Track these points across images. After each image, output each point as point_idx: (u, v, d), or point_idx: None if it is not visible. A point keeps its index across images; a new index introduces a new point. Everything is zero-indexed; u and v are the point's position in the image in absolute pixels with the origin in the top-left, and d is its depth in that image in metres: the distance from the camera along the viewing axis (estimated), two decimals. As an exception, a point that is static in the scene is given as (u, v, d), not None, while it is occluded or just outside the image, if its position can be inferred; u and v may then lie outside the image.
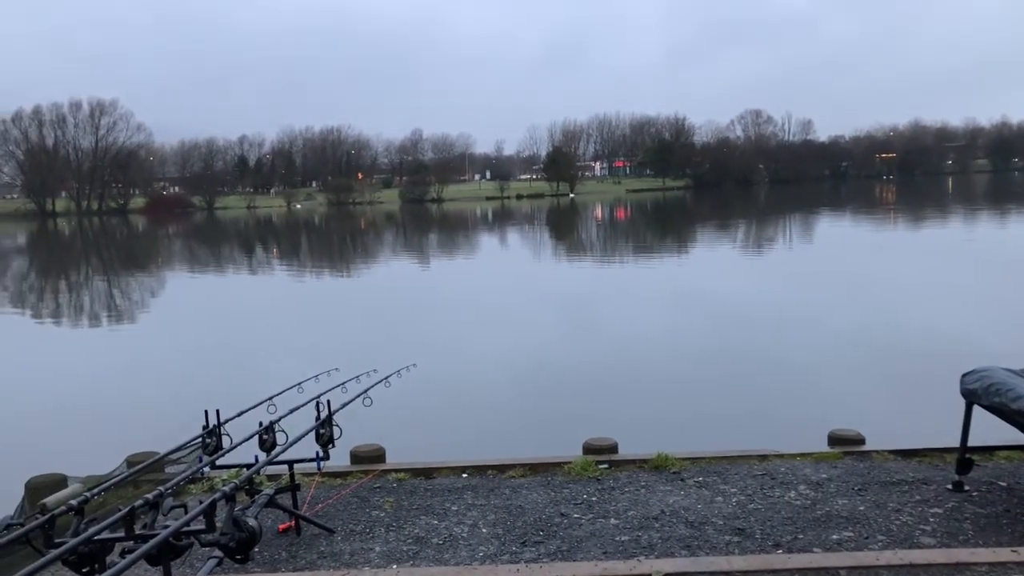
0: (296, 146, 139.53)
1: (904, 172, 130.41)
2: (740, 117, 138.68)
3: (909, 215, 45.18)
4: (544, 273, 25.74)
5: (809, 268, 23.59)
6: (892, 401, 8.85)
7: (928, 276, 20.06)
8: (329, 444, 4.40)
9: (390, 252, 37.91)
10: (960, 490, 4.55)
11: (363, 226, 64.82)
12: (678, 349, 12.50)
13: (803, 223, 43.88)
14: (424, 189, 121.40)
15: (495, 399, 9.66)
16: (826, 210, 53.77)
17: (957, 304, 15.36)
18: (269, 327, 16.37)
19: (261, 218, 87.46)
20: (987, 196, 64.80)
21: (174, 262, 36.57)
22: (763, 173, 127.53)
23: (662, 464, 5.22)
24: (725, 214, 56.25)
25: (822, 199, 70.85)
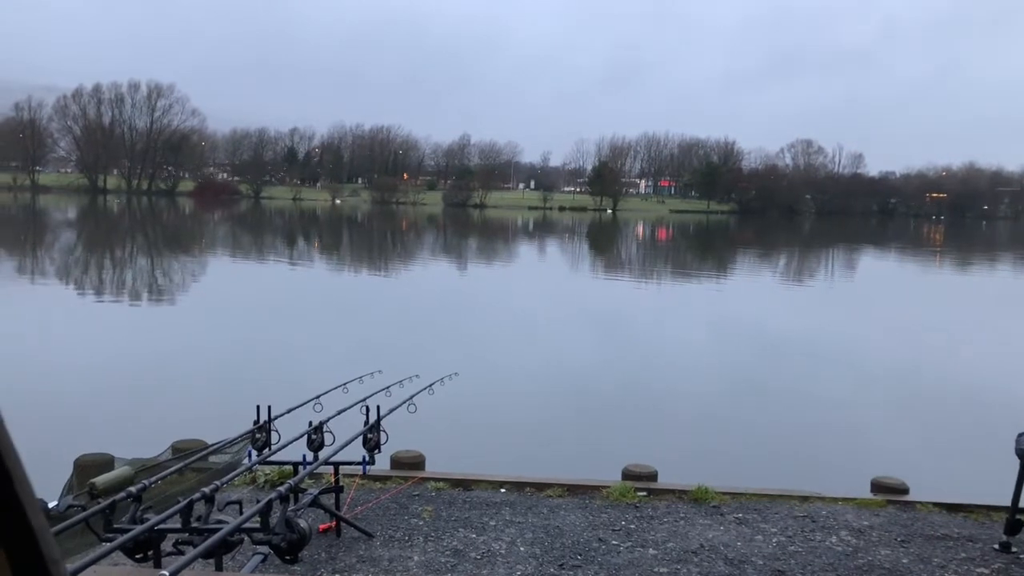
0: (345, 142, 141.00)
1: (954, 213, 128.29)
2: (790, 146, 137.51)
3: (958, 259, 44.42)
4: (584, 289, 25.70)
5: (854, 306, 23.28)
6: (937, 452, 8.69)
7: (980, 324, 19.70)
8: (376, 449, 4.43)
9: (430, 254, 38.10)
10: (1008, 551, 4.46)
11: (405, 226, 65.22)
12: (719, 378, 12.39)
13: (849, 258, 43.34)
14: (468, 194, 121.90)
15: (534, 414, 9.65)
16: (872, 247, 53.07)
17: (1009, 356, 15.06)
18: (312, 321, 16.52)
19: (305, 210, 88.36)
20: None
21: (221, 248, 37.07)
22: (810, 204, 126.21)
23: (702, 497, 5.19)
24: (770, 242, 55.75)
25: (869, 235, 69.96)
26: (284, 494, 3.05)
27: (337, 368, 6.10)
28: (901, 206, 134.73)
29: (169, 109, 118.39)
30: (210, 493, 3.03)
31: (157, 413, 8.63)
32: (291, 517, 3.07)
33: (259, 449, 4.29)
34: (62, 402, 9.16)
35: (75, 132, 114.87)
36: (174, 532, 2.93)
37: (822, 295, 25.70)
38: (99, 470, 4.61)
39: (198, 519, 3.01)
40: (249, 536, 2.98)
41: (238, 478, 5.28)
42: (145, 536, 2.85)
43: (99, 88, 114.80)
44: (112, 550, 2.45)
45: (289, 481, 3.24)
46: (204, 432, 5.43)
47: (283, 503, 3.07)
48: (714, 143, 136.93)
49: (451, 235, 55.99)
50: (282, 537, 2.99)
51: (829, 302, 23.97)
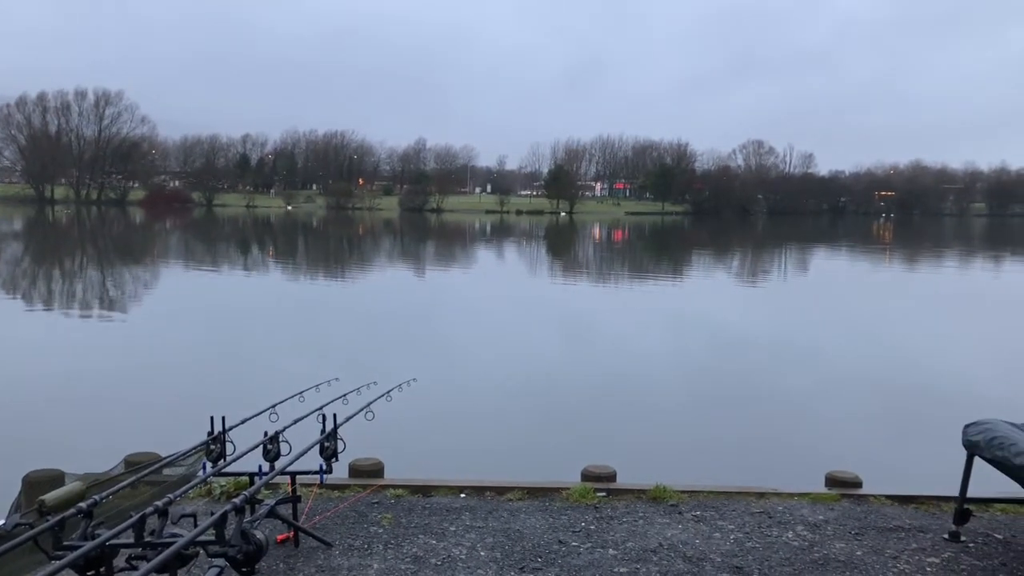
0: (299, 148, 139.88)
1: (902, 211, 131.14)
2: (742, 147, 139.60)
3: (907, 256, 45.38)
4: (541, 292, 25.77)
5: (807, 303, 23.67)
6: (889, 445, 8.87)
7: (928, 319, 20.15)
8: (333, 458, 4.40)
9: (387, 260, 37.92)
10: (957, 541, 4.56)
11: (361, 232, 64.83)
12: (676, 377, 12.51)
13: (801, 257, 44.05)
14: (424, 198, 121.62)
15: (493, 418, 9.66)
16: (823, 245, 54.00)
17: (955, 349, 15.43)
18: (266, 329, 16.35)
19: (260, 218, 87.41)
20: (985, 240, 65.11)
21: (172, 258, 36.50)
22: (762, 203, 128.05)
23: (660, 496, 5.23)
24: (724, 242, 56.45)
25: (820, 234, 71.17)
26: (239, 505, 3.02)
27: (293, 377, 6.04)
28: (851, 204, 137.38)
29: (118, 117, 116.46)
30: (163, 506, 2.98)
31: (109, 426, 8.47)
32: (247, 528, 3.03)
33: (214, 461, 4.23)
34: (10, 417, 8.96)
35: (20, 141, 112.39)
36: (126, 547, 2.88)
37: (776, 293, 26.08)
38: (49, 486, 4.50)
39: (151, 533, 2.95)
40: (204, 549, 2.94)
41: (193, 491, 5.18)
42: (96, 552, 2.79)
43: (44, 96, 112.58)
44: (62, 567, 2.39)
45: (244, 492, 3.20)
46: (158, 445, 5.34)
47: (239, 514, 3.03)
48: (667, 145, 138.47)
49: (408, 240, 55.80)
50: (238, 549, 2.95)
51: (783, 300, 24.33)
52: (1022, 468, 4.08)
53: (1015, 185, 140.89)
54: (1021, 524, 4.90)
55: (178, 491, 3.27)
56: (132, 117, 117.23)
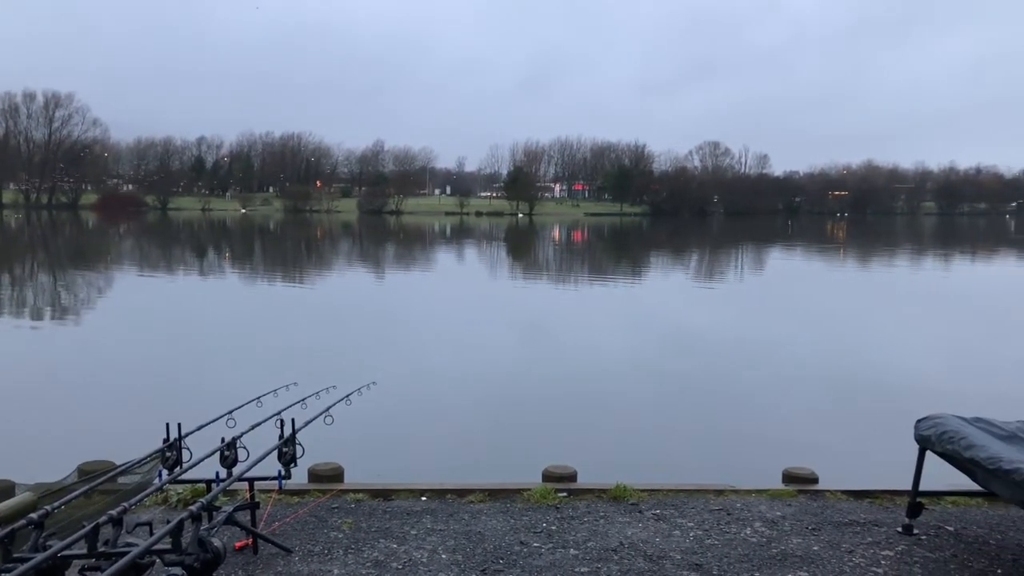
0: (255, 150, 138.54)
1: (855, 210, 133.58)
2: (698, 148, 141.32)
3: (860, 254, 46.19)
4: (502, 293, 25.79)
5: (763, 301, 23.97)
6: (844, 440, 9.01)
7: (881, 315, 20.53)
8: (292, 463, 4.36)
9: (346, 262, 37.66)
10: (910, 534, 4.66)
11: (319, 235, 64.33)
12: (636, 376, 12.59)
13: (757, 256, 44.61)
14: (383, 201, 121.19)
15: (454, 421, 9.64)
16: (779, 245, 54.78)
17: (908, 345, 15.73)
18: (223, 334, 16.15)
19: (215, 221, 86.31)
20: (935, 239, 66.54)
21: (125, 262, 35.88)
22: (718, 204, 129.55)
23: (621, 495, 5.26)
24: (681, 242, 56.99)
25: (775, 233, 72.18)
26: (196, 513, 2.98)
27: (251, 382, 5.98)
28: (805, 204, 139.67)
29: (68, 119, 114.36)
30: (118, 515, 2.93)
31: (62, 435, 8.31)
32: (204, 536, 3.00)
33: (170, 468, 4.17)
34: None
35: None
36: (79, 558, 2.82)
37: (733, 292, 26.38)
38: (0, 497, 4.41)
39: (105, 543, 2.90)
40: (160, 558, 2.89)
41: (149, 499, 5.12)
42: (48, 564, 2.73)
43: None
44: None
45: (201, 499, 3.16)
46: (112, 453, 5.26)
47: (195, 522, 3.00)
48: (625, 146, 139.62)
49: (367, 242, 55.49)
50: (195, 557, 2.92)
51: (740, 299, 24.61)
52: (971, 461, 4.18)
53: (963, 184, 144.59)
54: (971, 516, 5.02)
55: (133, 499, 3.21)
56: (83, 120, 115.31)
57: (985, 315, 20.70)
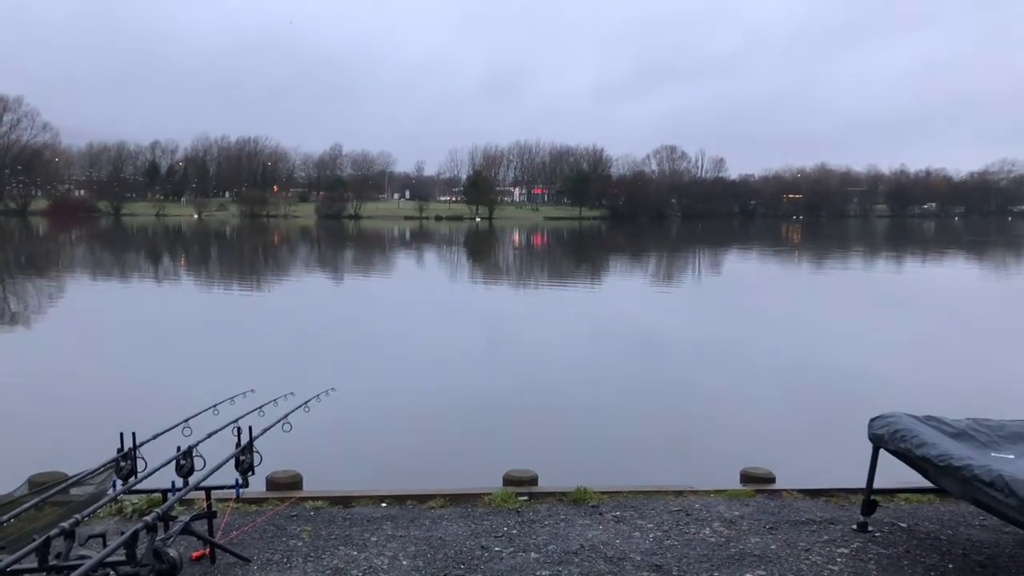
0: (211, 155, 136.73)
1: (810, 213, 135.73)
2: (656, 152, 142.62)
3: (815, 256, 46.91)
4: (462, 297, 25.76)
5: (721, 303, 24.22)
6: (801, 440, 9.14)
7: (836, 315, 20.86)
8: (249, 471, 4.31)
9: (304, 268, 37.32)
10: (864, 531, 4.74)
11: (276, 240, 63.70)
12: (596, 379, 12.64)
13: (714, 259, 45.10)
14: (341, 205, 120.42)
15: (415, 426, 9.59)
16: (736, 247, 55.43)
17: (862, 345, 16.00)
18: (178, 341, 15.90)
19: (170, 227, 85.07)
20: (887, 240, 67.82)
21: (77, 269, 35.19)
22: (676, 207, 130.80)
23: (581, 498, 5.28)
24: (640, 246, 57.41)
25: (732, 236, 73.03)
26: (151, 523, 2.94)
27: (207, 390, 5.89)
28: (761, 207, 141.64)
29: (17, 124, 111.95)
30: (70, 528, 2.88)
31: (11, 446, 8.11)
32: (160, 547, 2.96)
33: (124, 478, 4.10)
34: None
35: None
36: (30, 572, 2.77)
37: (691, 295, 26.63)
38: (-54, 511, 4.30)
39: (57, 556, 2.85)
40: (114, 570, 2.85)
41: (103, 510, 5.02)
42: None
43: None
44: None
45: (157, 510, 3.11)
46: (64, 463, 5.15)
47: (151, 533, 2.95)
48: (583, 151, 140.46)
49: (325, 247, 55.06)
50: (150, 568, 2.88)
51: (698, 301, 24.86)
52: (923, 459, 4.26)
53: (914, 187, 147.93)
54: (923, 512, 5.13)
55: (86, 511, 3.16)
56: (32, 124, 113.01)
57: (936, 315, 21.15)
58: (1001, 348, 15.92)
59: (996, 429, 4.70)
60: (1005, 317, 21.10)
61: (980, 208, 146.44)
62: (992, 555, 4.42)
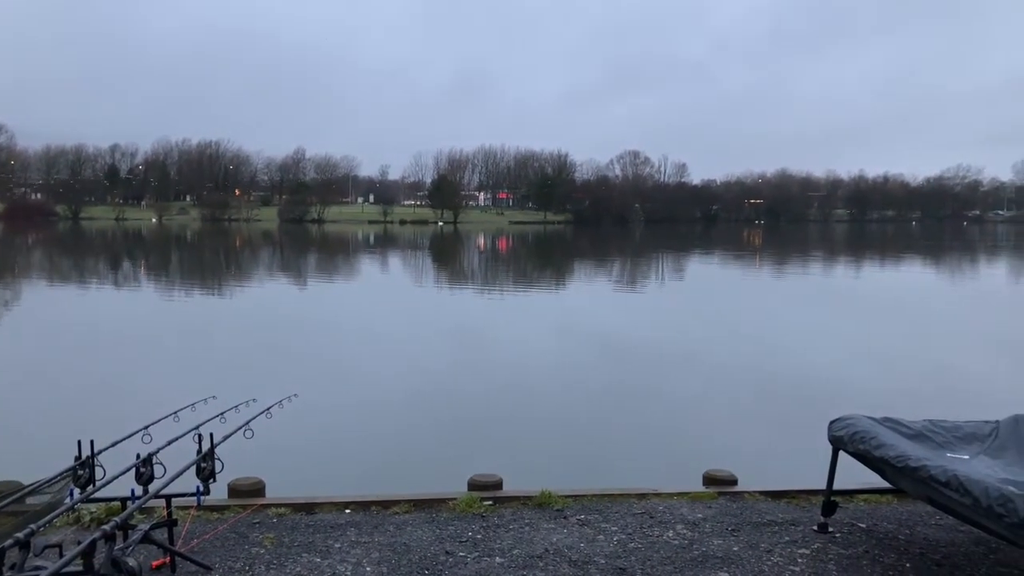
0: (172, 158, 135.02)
1: (770, 217, 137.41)
2: (619, 157, 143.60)
3: (776, 260, 47.47)
4: (426, 301, 25.69)
5: (684, 307, 24.42)
6: (762, 442, 9.24)
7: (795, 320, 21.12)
8: (211, 478, 4.26)
9: (266, 272, 36.99)
10: (825, 532, 4.81)
11: (238, 244, 63.06)
12: (561, 383, 12.68)
13: (677, 263, 45.46)
14: (304, 209, 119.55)
15: (379, 432, 9.55)
16: (698, 251, 55.94)
17: (822, 348, 16.22)
18: (138, 347, 15.67)
19: (130, 231, 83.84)
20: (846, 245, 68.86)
21: (34, 274, 34.53)
22: (639, 212, 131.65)
23: (546, 501, 5.29)
24: (604, 250, 57.70)
25: (695, 240, 73.67)
26: (109, 532, 2.89)
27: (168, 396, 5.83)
28: (723, 212, 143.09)
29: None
30: (25, 538, 2.82)
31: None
32: (118, 556, 2.90)
33: (82, 487, 4.03)
34: None
35: None
36: (-18, 584, 2.71)
37: (654, 298, 26.82)
38: None
39: (12, 567, 2.79)
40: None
41: (60, 519, 4.91)
42: (-50, 591, 2.62)
43: None
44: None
45: (115, 518, 3.06)
46: (20, 472, 5.05)
47: (109, 542, 2.90)
48: (548, 156, 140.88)
49: (288, 252, 54.62)
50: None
51: (661, 305, 25.04)
52: (881, 460, 4.33)
53: (872, 192, 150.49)
54: (882, 512, 5.21)
55: (42, 520, 3.10)
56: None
57: (894, 318, 21.50)
58: (956, 350, 16.25)
59: (951, 430, 4.80)
60: (960, 320, 21.53)
61: (936, 213, 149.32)
62: (948, 554, 4.50)
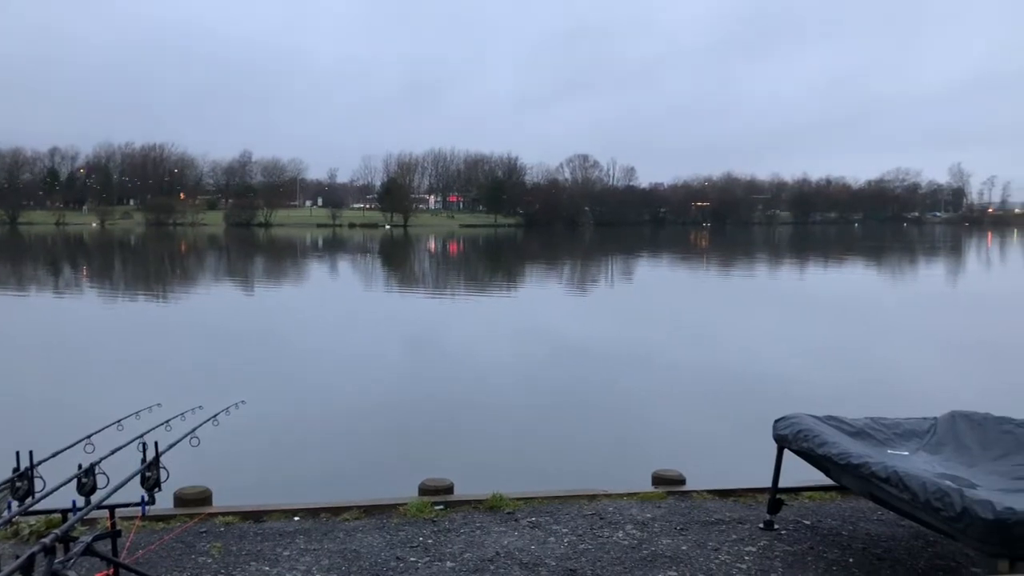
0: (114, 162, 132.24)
1: (717, 220, 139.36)
2: (569, 161, 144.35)
3: (722, 262, 48.16)
4: (375, 306, 25.53)
5: (632, 309, 24.63)
6: (710, 442, 9.37)
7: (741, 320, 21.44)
8: (156, 488, 4.17)
9: (213, 278, 36.42)
10: (771, 529, 4.89)
11: (183, 249, 61.99)
12: (511, 386, 12.71)
13: (626, 265, 45.84)
14: (251, 213, 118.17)
15: (328, 438, 9.46)
16: (647, 254, 56.50)
17: (767, 348, 16.50)
18: (80, 356, 15.31)
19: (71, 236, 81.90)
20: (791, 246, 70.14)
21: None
22: (588, 215, 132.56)
23: (497, 504, 5.30)
24: (555, 253, 57.95)
25: (643, 243, 74.39)
26: (49, 545, 2.81)
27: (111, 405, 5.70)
28: (670, 215, 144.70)
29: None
30: (-39, 553, 2.74)
31: None
32: (58, 569, 2.83)
33: (20, 499, 3.92)
34: None
35: None
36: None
37: (603, 301, 27.02)
38: None
39: (-53, 584, 2.72)
40: (10, 596, 2.72)
41: (-6, 533, 4.81)
42: None
43: None
44: None
45: (55, 531, 2.99)
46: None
47: (49, 555, 2.83)
48: (498, 159, 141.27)
49: (235, 256, 53.84)
50: (49, 592, 2.76)
51: (609, 307, 25.23)
52: (825, 458, 4.42)
53: (815, 195, 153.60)
54: (826, 509, 5.31)
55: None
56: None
57: (837, 318, 21.95)
58: (897, 349, 16.65)
59: (892, 427, 4.92)
60: (900, 319, 22.06)
61: (877, 215, 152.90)
62: (889, 548, 4.62)
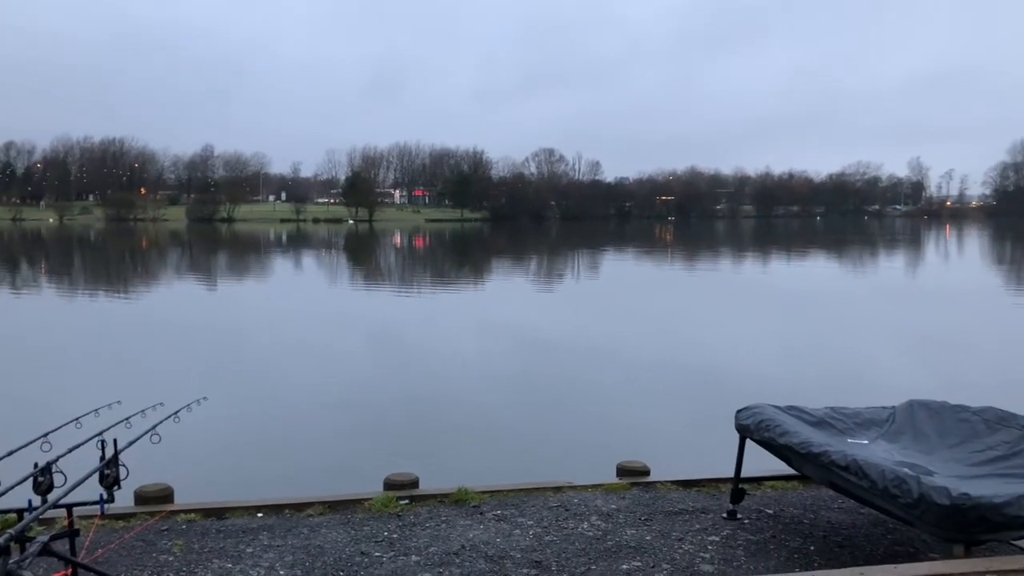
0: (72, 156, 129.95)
1: (681, 214, 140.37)
2: (534, 155, 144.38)
3: (687, 255, 48.52)
4: (339, 301, 25.38)
5: (597, 302, 24.73)
6: (673, 433, 9.45)
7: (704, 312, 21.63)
8: (115, 486, 4.11)
9: (174, 273, 35.95)
10: (734, 518, 4.94)
11: (144, 244, 61.14)
12: (476, 380, 12.70)
13: (592, 259, 46.02)
14: (213, 208, 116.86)
15: (292, 434, 9.39)
16: (613, 248, 56.76)
17: (729, 340, 16.65)
18: (37, 353, 15.04)
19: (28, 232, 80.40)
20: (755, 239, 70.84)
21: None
22: (554, 209, 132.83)
23: (462, 498, 5.30)
24: (521, 247, 58.00)
25: (609, 237, 74.71)
26: (3, 545, 2.76)
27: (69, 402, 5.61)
28: (636, 209, 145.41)
29: None
30: (-90, 556, 2.68)
31: None
32: (14, 570, 2.78)
33: (-26, 499, 3.84)
34: None
35: None
36: None
37: (569, 294, 27.09)
38: None
39: None
40: (-38, 598, 2.67)
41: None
42: None
43: None
44: None
45: (10, 531, 2.93)
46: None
47: (3, 555, 2.78)
48: (464, 153, 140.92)
49: (196, 252, 53.21)
50: (3, 593, 2.71)
51: (575, 300, 25.32)
52: (785, 447, 4.48)
53: (777, 188, 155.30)
54: (788, 498, 5.38)
55: (-71, 536, 2.95)
56: None
57: (798, 309, 22.22)
58: (856, 339, 16.89)
59: (852, 416, 5.00)
60: (860, 310, 22.38)
61: (838, 208, 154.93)
62: (849, 535, 4.69)
